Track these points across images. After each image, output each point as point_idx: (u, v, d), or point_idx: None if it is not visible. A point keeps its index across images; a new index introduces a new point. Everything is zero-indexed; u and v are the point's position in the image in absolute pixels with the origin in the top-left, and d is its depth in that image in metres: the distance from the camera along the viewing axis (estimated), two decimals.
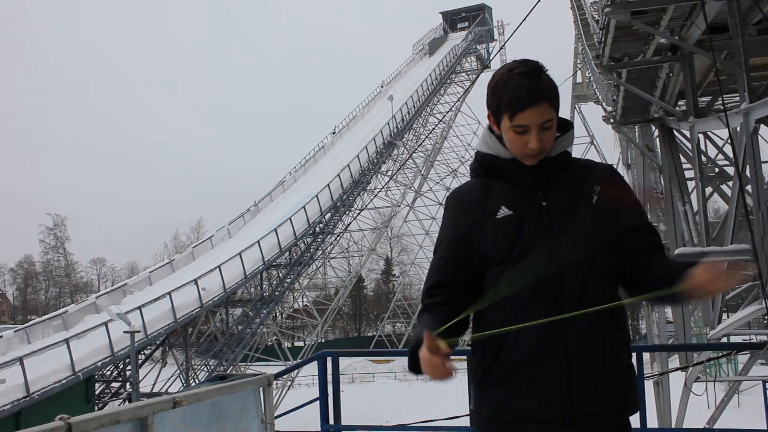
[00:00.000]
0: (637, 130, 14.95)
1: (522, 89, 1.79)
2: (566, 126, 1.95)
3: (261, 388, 3.35)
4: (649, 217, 1.98)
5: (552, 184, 1.88)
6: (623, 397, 1.84)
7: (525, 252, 1.82)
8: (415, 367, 1.81)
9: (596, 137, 44.36)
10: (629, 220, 1.87)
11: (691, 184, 11.11)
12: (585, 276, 1.79)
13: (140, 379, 23.01)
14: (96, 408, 21.65)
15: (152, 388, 25.84)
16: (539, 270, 1.78)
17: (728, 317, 9.42)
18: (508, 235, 1.84)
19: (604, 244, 1.82)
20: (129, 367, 21.57)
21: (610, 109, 14.60)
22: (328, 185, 33.66)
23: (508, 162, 1.91)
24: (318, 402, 4.33)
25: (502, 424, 1.86)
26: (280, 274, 32.07)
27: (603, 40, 10.49)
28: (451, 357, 1.80)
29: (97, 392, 23.20)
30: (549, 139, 1.86)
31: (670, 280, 1.70)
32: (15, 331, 23.15)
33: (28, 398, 18.86)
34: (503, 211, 1.87)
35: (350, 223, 38.71)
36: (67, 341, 20.53)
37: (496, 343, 1.85)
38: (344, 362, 35.90)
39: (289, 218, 30.79)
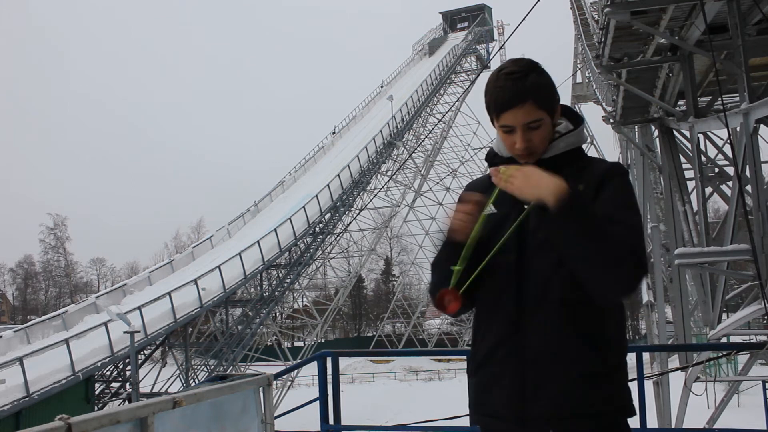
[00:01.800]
0: (636, 130, 14.94)
1: (504, 90, 1.82)
2: (577, 123, 1.95)
3: (261, 388, 3.35)
4: (633, 213, 1.80)
5: None
6: (583, 404, 1.77)
7: (499, 251, 1.83)
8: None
9: (596, 137, 44.51)
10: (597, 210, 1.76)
11: (690, 184, 11.10)
12: (547, 278, 1.77)
13: (140, 379, 22.99)
14: (96, 408, 21.64)
15: (152, 388, 25.82)
16: (507, 269, 1.83)
17: (728, 317, 9.41)
18: (488, 230, 1.88)
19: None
20: (129, 367, 21.58)
21: (609, 109, 14.59)
22: (327, 185, 33.64)
23: (505, 160, 1.94)
24: (318, 402, 4.33)
25: (475, 414, 1.95)
26: (280, 274, 32.06)
27: (603, 40, 10.49)
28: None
29: (97, 392, 23.19)
30: (538, 139, 1.85)
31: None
32: (15, 331, 23.15)
33: (28, 398, 18.85)
34: (489, 209, 1.90)
35: (350, 223, 38.70)
36: (67, 341, 20.52)
37: (474, 338, 1.96)
38: (344, 362, 35.94)
39: (289, 218, 30.78)
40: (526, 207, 1.83)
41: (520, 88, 1.80)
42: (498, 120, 1.85)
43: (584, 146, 2.02)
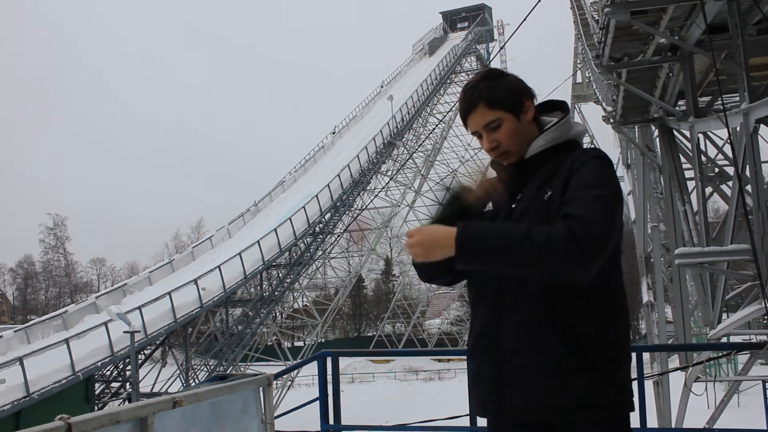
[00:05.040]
0: (637, 130, 14.93)
1: (461, 101, 1.98)
2: (561, 119, 1.98)
3: (261, 388, 3.35)
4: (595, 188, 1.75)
5: (526, 185, 1.94)
6: (558, 399, 1.77)
7: None
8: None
9: (596, 137, 44.50)
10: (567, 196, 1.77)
11: (691, 184, 11.09)
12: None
13: (140, 379, 23.00)
14: (96, 408, 21.64)
15: (152, 388, 25.83)
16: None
17: (728, 317, 9.41)
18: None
19: None
20: (129, 367, 21.57)
21: (610, 109, 14.58)
22: (328, 185, 33.64)
23: (498, 163, 2.04)
24: (318, 402, 4.33)
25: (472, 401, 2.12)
26: (280, 274, 32.05)
27: (603, 40, 10.49)
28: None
29: (97, 392, 23.19)
30: (504, 138, 1.94)
31: None
32: (15, 331, 23.14)
33: (28, 398, 18.85)
34: (488, 207, 2.02)
35: (350, 223, 38.69)
36: (67, 341, 20.52)
37: (469, 329, 2.07)
38: (344, 362, 35.94)
39: (289, 218, 30.77)
40: (513, 206, 1.92)
41: (470, 95, 1.95)
42: (467, 129, 2.00)
43: (584, 147, 2.03)
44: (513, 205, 1.93)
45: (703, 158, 10.76)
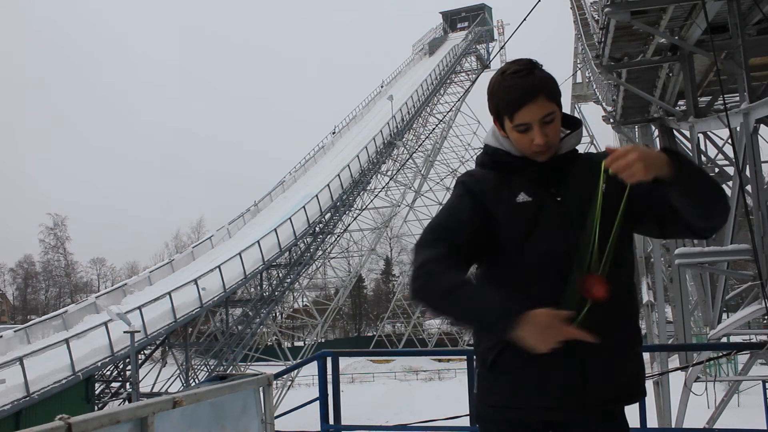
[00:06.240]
0: (637, 130, 14.94)
1: (515, 88, 1.81)
2: (575, 125, 1.97)
3: (261, 388, 3.35)
4: None
5: (563, 181, 1.89)
6: (634, 383, 1.92)
7: (541, 237, 1.83)
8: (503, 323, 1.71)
9: (596, 137, 44.53)
10: (638, 188, 1.76)
11: None
12: (601, 269, 1.78)
13: (140, 379, 22.99)
14: (96, 408, 21.64)
15: (152, 388, 25.83)
16: (565, 260, 1.80)
17: (728, 317, 9.41)
18: (526, 219, 1.85)
19: (616, 233, 1.80)
20: (129, 367, 21.57)
21: (610, 109, 14.60)
22: (328, 185, 33.66)
23: (519, 159, 1.91)
24: (318, 402, 4.33)
25: (514, 410, 1.88)
26: (280, 274, 32.07)
27: (603, 40, 10.50)
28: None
29: (97, 392, 23.19)
30: (553, 133, 1.85)
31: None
32: (15, 331, 23.13)
33: (28, 398, 18.85)
34: (522, 197, 1.87)
35: (350, 223, 38.70)
36: (67, 341, 20.53)
37: None
38: (344, 362, 35.92)
39: (289, 218, 30.79)
40: (559, 199, 1.85)
41: (530, 83, 1.80)
42: (512, 120, 1.83)
43: (584, 146, 2.05)
44: (558, 198, 1.86)
45: (703, 158, 10.76)
